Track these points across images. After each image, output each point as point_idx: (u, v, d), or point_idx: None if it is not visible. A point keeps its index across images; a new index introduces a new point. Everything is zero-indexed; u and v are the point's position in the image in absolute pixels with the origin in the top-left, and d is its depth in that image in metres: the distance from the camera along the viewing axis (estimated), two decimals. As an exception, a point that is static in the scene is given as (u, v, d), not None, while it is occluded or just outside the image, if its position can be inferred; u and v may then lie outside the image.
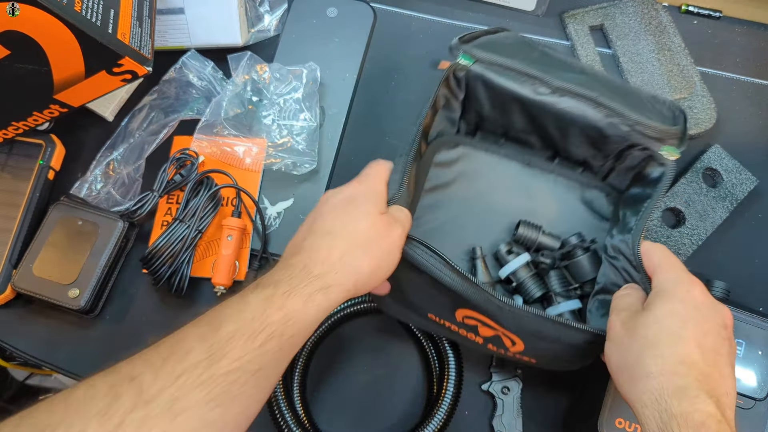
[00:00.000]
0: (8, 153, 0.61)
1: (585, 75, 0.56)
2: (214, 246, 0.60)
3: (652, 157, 0.52)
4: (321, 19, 0.68)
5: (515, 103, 0.53)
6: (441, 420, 0.53)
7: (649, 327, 0.39)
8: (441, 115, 0.56)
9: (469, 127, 0.59)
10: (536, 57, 0.56)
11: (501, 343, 0.46)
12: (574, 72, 0.55)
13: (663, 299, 0.41)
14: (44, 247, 0.57)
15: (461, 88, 0.54)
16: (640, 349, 0.39)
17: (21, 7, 0.44)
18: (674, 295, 0.41)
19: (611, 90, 0.53)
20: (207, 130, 0.62)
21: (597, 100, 0.50)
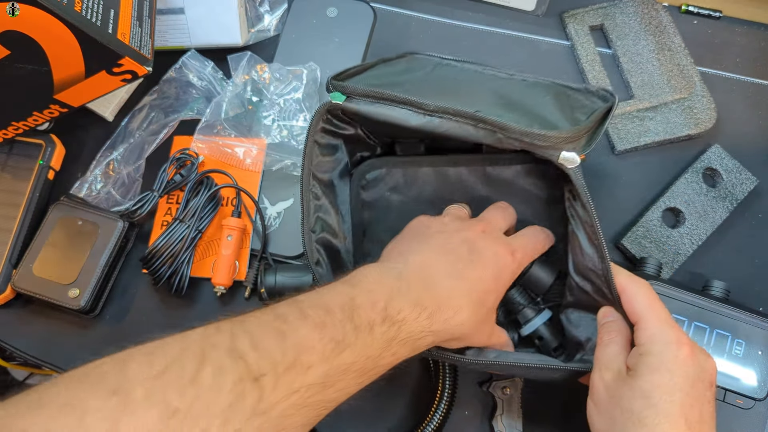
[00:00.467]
0: (8, 153, 0.61)
1: (498, 81, 0.53)
2: (214, 246, 0.60)
3: None
4: (321, 19, 0.68)
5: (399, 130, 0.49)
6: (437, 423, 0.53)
7: (635, 400, 0.38)
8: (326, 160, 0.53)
9: (384, 147, 0.57)
10: (433, 73, 0.53)
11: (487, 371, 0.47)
12: (481, 82, 0.52)
13: (650, 369, 0.39)
14: (44, 247, 0.57)
15: (348, 123, 0.52)
16: (625, 422, 0.38)
17: (21, 7, 0.44)
18: (662, 363, 0.39)
19: (519, 94, 0.50)
20: (207, 130, 0.62)
21: (475, 116, 0.45)
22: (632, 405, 0.38)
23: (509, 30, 0.70)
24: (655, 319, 0.41)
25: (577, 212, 0.48)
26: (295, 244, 0.60)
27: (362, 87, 0.48)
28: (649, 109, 0.66)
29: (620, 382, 0.40)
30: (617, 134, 0.65)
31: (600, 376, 0.41)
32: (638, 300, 0.42)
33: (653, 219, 0.61)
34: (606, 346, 0.43)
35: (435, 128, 0.47)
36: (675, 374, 0.38)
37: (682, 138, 0.65)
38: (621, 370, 0.41)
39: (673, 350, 0.39)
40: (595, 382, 0.42)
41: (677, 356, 0.39)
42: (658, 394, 0.38)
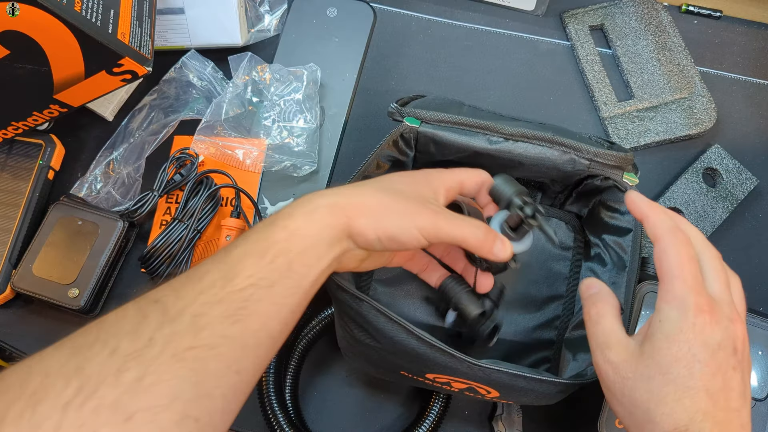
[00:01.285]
0: (8, 153, 0.61)
1: (518, 120, 0.56)
2: (213, 246, 0.60)
3: (615, 186, 0.52)
4: (321, 19, 0.68)
5: (469, 154, 0.52)
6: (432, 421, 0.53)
7: (654, 378, 0.35)
8: (390, 171, 0.55)
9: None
10: (467, 111, 0.56)
11: (476, 392, 0.46)
12: (507, 120, 0.55)
13: (667, 340, 0.36)
14: (44, 247, 0.57)
15: (411, 148, 0.54)
16: (647, 404, 0.35)
17: (21, 7, 0.44)
18: (680, 331, 0.36)
19: (551, 130, 0.53)
20: (207, 131, 0.62)
21: (553, 139, 0.50)
22: (651, 384, 0.35)
23: (509, 30, 0.70)
24: (679, 280, 0.37)
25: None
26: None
27: (439, 114, 0.51)
28: (649, 109, 0.66)
29: (632, 359, 0.37)
30: (617, 134, 0.65)
31: (604, 358, 0.38)
32: (670, 255, 0.37)
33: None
34: (597, 322, 0.39)
35: (510, 150, 0.51)
36: (693, 344, 0.35)
37: (682, 138, 0.65)
38: (626, 343, 0.38)
39: (691, 318, 0.36)
40: (601, 367, 0.38)
41: (695, 324, 0.36)
42: (677, 368, 0.35)
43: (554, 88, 0.68)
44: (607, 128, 0.66)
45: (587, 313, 0.41)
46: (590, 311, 0.40)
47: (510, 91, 0.68)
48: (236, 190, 0.60)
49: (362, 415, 0.57)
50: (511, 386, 0.43)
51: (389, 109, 0.53)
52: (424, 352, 0.42)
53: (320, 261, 0.38)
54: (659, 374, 0.35)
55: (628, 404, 0.37)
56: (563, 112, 0.67)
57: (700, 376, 0.35)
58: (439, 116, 0.51)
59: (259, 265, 0.36)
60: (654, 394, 0.35)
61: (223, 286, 0.35)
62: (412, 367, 0.46)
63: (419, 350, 0.42)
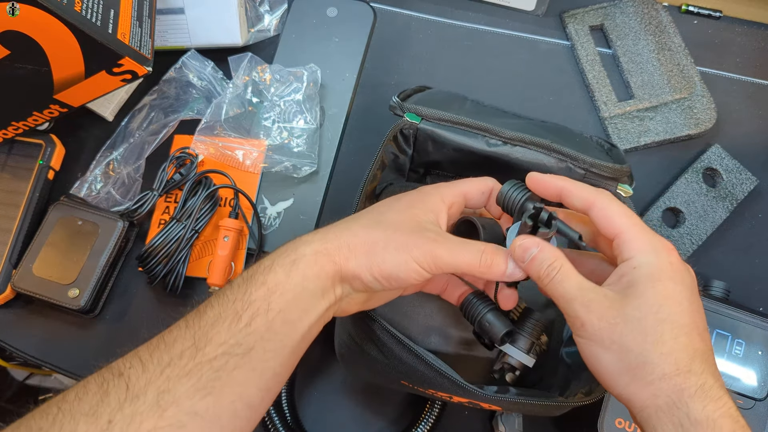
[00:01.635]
0: (8, 153, 0.61)
1: (521, 119, 0.56)
2: (211, 246, 0.60)
3: None
4: (321, 19, 0.68)
5: (466, 154, 0.52)
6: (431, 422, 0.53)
7: (645, 319, 0.33)
8: (388, 167, 0.55)
9: (417, 174, 0.58)
10: (469, 107, 0.56)
11: (478, 405, 0.47)
12: (510, 117, 0.55)
13: (651, 280, 0.34)
14: (44, 247, 0.57)
15: (410, 145, 0.54)
16: (642, 346, 0.33)
17: (21, 7, 0.44)
18: (661, 271, 0.34)
19: (552, 132, 0.53)
20: (207, 131, 0.62)
21: (551, 146, 0.50)
22: (644, 324, 0.33)
23: (509, 30, 0.70)
24: (637, 228, 0.36)
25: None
26: (295, 244, 0.60)
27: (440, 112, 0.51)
28: (649, 109, 0.66)
29: (617, 304, 0.34)
30: (617, 134, 0.65)
31: (586, 309, 0.34)
32: (613, 211, 0.36)
33: (653, 219, 0.61)
34: (563, 279, 0.36)
35: (507, 153, 0.50)
36: (676, 281, 0.34)
37: (682, 138, 0.65)
38: (603, 292, 0.35)
39: (666, 257, 0.35)
40: (583, 318, 0.35)
41: (672, 263, 0.35)
42: (668, 305, 0.34)
43: (554, 88, 0.68)
44: (607, 128, 0.66)
45: (545, 274, 0.36)
46: (547, 272, 0.36)
47: (510, 91, 0.68)
48: (235, 191, 0.60)
49: (361, 416, 0.57)
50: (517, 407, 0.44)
51: (391, 103, 0.52)
52: (432, 376, 0.42)
53: (308, 315, 0.36)
54: (651, 314, 0.34)
55: (617, 350, 0.34)
56: (563, 112, 0.67)
57: (689, 313, 0.34)
58: (439, 114, 0.51)
59: (232, 330, 0.33)
60: (648, 335, 0.33)
61: (192, 355, 0.32)
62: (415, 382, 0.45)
63: (427, 373, 0.42)
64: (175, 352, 0.33)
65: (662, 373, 0.33)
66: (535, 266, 0.36)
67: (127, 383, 0.31)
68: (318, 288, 0.36)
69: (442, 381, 0.42)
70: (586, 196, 0.37)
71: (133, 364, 0.32)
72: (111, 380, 0.32)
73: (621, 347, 0.34)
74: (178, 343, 0.33)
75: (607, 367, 0.34)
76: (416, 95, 0.56)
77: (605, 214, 0.37)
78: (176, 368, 0.32)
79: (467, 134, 0.51)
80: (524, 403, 0.43)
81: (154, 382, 0.31)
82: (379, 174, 0.52)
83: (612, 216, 0.36)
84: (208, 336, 0.33)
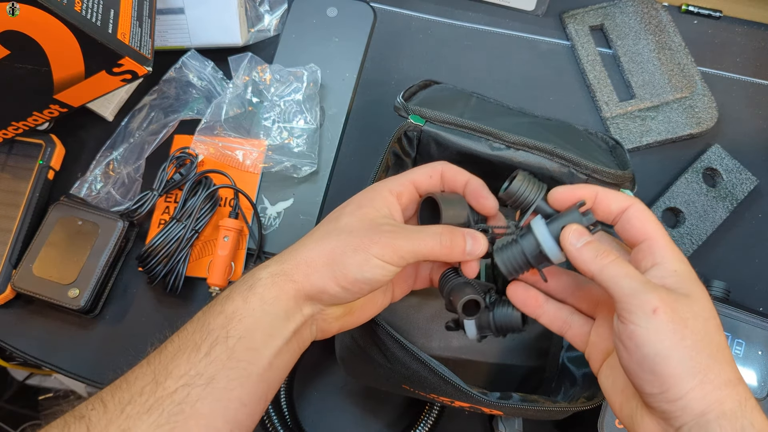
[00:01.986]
0: (8, 153, 0.61)
1: (526, 117, 0.56)
2: (211, 246, 0.60)
3: None
4: (321, 19, 0.68)
5: (469, 157, 0.52)
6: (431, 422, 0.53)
7: (709, 321, 0.32)
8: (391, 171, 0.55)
9: None
10: (475, 104, 0.56)
11: (479, 410, 0.47)
12: (515, 116, 0.55)
13: (697, 286, 0.33)
14: (44, 247, 0.57)
15: (413, 147, 0.54)
16: (710, 348, 0.31)
17: (21, 7, 0.44)
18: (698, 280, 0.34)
19: (556, 133, 0.53)
20: (207, 131, 0.62)
21: (554, 152, 0.50)
22: (708, 327, 0.32)
23: (509, 30, 0.70)
24: (667, 237, 0.35)
25: None
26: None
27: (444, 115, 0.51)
28: (651, 108, 0.66)
29: (685, 303, 0.32)
30: (619, 134, 0.65)
31: (660, 296, 0.32)
32: (649, 217, 0.36)
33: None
34: (622, 262, 0.34)
35: (511, 157, 0.50)
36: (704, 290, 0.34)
37: (684, 137, 0.65)
38: (668, 289, 0.33)
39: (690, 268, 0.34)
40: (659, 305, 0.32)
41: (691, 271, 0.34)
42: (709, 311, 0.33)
43: (554, 88, 0.68)
44: (609, 128, 0.66)
45: (599, 260, 0.34)
46: (605, 256, 0.34)
47: (510, 91, 0.68)
48: (235, 191, 0.60)
49: (361, 417, 0.57)
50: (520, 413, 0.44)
51: (395, 103, 0.52)
52: (436, 381, 0.42)
53: (273, 339, 0.34)
54: (712, 318, 0.33)
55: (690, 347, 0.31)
56: (564, 112, 0.67)
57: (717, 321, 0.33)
58: (443, 117, 0.51)
59: (192, 361, 0.32)
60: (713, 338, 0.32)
61: (153, 390, 0.31)
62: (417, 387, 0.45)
63: (431, 378, 0.42)
64: (136, 390, 0.32)
65: (728, 379, 0.31)
66: (591, 248, 0.35)
67: (88, 425, 0.31)
68: (280, 310, 0.35)
69: (446, 386, 0.42)
70: (621, 201, 0.37)
71: (95, 406, 0.32)
72: (72, 423, 0.31)
73: (693, 345, 0.31)
74: (139, 381, 0.32)
75: (676, 366, 0.31)
76: (422, 92, 0.55)
77: (640, 218, 0.36)
78: (137, 405, 0.31)
79: (471, 137, 0.51)
80: (527, 408, 0.43)
81: (115, 421, 0.31)
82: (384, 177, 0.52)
83: (646, 221, 0.35)
84: (167, 369, 0.32)
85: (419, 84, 0.56)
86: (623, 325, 0.32)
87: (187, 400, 0.31)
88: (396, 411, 0.57)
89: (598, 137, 0.56)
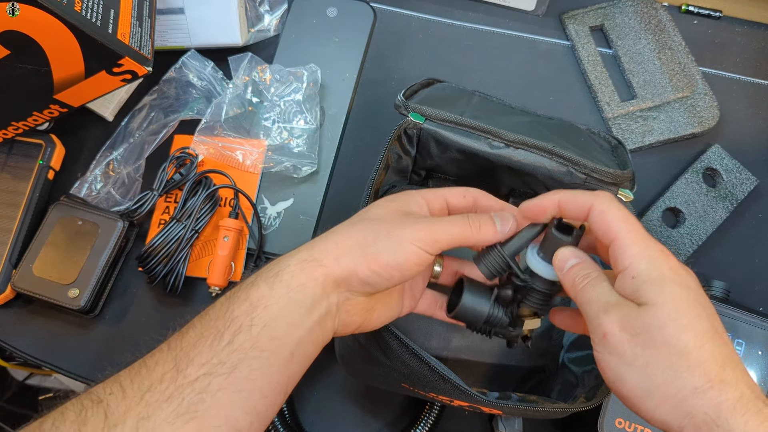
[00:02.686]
0: (8, 153, 0.61)
1: (528, 116, 0.56)
2: (211, 246, 0.60)
3: None
4: (321, 19, 0.68)
5: (469, 155, 0.52)
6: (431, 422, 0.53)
7: (665, 327, 0.30)
8: (392, 169, 0.56)
9: (419, 177, 0.58)
10: (476, 103, 0.56)
11: (479, 410, 0.47)
12: (517, 115, 0.55)
13: (661, 290, 0.31)
14: (44, 247, 0.57)
15: (413, 145, 0.54)
16: (668, 359, 0.30)
17: (21, 7, 0.44)
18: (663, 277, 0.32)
19: (557, 132, 0.53)
20: (207, 131, 0.62)
21: (553, 150, 0.50)
22: (665, 334, 0.30)
23: (509, 30, 0.70)
24: (633, 234, 0.33)
25: None
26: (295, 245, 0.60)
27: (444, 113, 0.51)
28: (652, 108, 0.66)
29: (635, 313, 0.31)
30: (621, 135, 0.65)
31: (608, 318, 0.32)
32: (611, 215, 0.34)
33: (653, 219, 0.61)
34: (594, 284, 0.34)
35: (510, 156, 0.50)
36: (682, 285, 0.32)
37: (686, 137, 0.65)
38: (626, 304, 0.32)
39: (664, 262, 0.32)
40: (605, 327, 0.32)
41: (671, 267, 0.32)
42: (683, 310, 0.31)
43: (555, 88, 0.68)
44: (611, 129, 0.66)
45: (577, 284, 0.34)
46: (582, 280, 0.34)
47: (510, 91, 0.68)
48: (235, 191, 0.60)
49: (361, 416, 0.57)
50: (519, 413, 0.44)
51: (396, 101, 0.52)
52: (435, 380, 0.42)
53: (297, 329, 0.34)
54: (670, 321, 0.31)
55: (642, 366, 0.31)
56: (564, 113, 0.67)
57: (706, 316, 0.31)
58: (443, 115, 0.51)
59: (214, 349, 0.32)
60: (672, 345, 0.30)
61: (173, 378, 0.31)
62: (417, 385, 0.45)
63: (430, 376, 0.42)
64: (156, 376, 0.31)
65: (693, 388, 0.30)
66: (572, 273, 0.35)
67: (106, 411, 0.30)
68: (306, 297, 0.34)
69: (444, 385, 0.42)
70: (583, 202, 0.35)
71: (113, 391, 0.31)
72: (90, 408, 0.31)
73: (646, 362, 0.30)
74: (159, 367, 0.32)
75: (632, 388, 0.31)
76: (423, 91, 0.55)
77: (602, 218, 0.34)
78: (156, 393, 0.31)
79: (470, 136, 0.51)
80: (525, 408, 0.43)
81: (134, 408, 0.30)
82: (384, 174, 0.52)
83: (609, 220, 0.34)
84: (189, 357, 0.32)
85: (422, 82, 0.56)
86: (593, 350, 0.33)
87: (209, 389, 0.31)
88: (396, 411, 0.57)
89: (601, 137, 0.56)
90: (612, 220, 0.34)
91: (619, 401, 0.49)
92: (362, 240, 0.35)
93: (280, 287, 0.34)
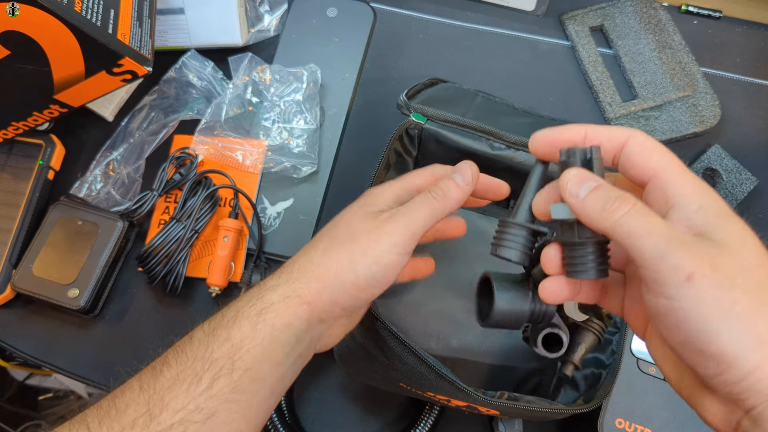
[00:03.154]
0: (8, 153, 0.61)
1: (531, 117, 0.56)
2: (211, 246, 0.60)
3: None
4: (321, 19, 0.68)
5: (470, 156, 0.52)
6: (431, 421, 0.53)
7: (758, 269, 0.25)
8: (392, 169, 0.56)
9: None
10: (479, 104, 0.56)
11: (477, 410, 0.47)
12: (519, 116, 0.55)
13: (730, 223, 0.26)
14: (44, 247, 0.57)
15: (414, 145, 0.54)
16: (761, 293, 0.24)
17: (21, 7, 0.44)
18: (730, 213, 0.27)
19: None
20: (207, 131, 0.62)
21: None
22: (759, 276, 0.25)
23: (509, 30, 0.70)
24: (681, 166, 0.28)
25: None
26: (295, 245, 0.60)
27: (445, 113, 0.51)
28: (654, 108, 0.66)
29: (723, 253, 0.25)
30: (618, 134, 0.65)
31: (694, 254, 0.25)
32: (650, 147, 0.28)
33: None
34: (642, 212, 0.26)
35: (511, 157, 0.51)
36: (743, 226, 0.26)
37: (688, 136, 0.65)
38: (700, 239, 0.26)
39: (720, 199, 0.27)
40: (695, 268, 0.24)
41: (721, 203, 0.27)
42: (757, 253, 0.26)
43: (555, 89, 0.68)
44: (608, 128, 0.66)
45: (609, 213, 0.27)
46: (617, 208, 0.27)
47: (510, 91, 0.68)
48: (235, 191, 0.60)
49: (361, 417, 0.57)
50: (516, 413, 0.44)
51: (398, 101, 0.52)
52: (432, 378, 0.42)
53: (279, 367, 0.33)
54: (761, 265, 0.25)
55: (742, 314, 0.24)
56: (566, 113, 0.67)
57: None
58: (445, 116, 0.51)
59: (192, 394, 0.30)
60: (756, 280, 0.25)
61: (146, 424, 0.29)
62: (414, 384, 0.45)
63: (427, 375, 0.42)
64: (126, 421, 0.29)
65: None
66: (594, 198, 0.27)
67: None
68: (291, 336, 0.33)
69: (442, 383, 0.42)
70: (619, 134, 0.29)
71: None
72: None
73: (749, 309, 0.24)
74: (131, 410, 0.30)
75: (730, 341, 0.24)
76: (426, 91, 0.55)
77: (643, 151, 0.28)
78: None
79: (471, 136, 0.51)
80: (522, 408, 0.43)
81: None
82: (384, 174, 0.52)
83: (651, 153, 0.28)
84: (164, 401, 0.30)
85: (425, 82, 0.56)
86: (655, 299, 0.25)
87: None
88: (396, 411, 0.57)
89: None
90: (653, 152, 0.28)
91: (619, 401, 0.49)
92: (339, 268, 0.34)
93: (264, 328, 0.33)
